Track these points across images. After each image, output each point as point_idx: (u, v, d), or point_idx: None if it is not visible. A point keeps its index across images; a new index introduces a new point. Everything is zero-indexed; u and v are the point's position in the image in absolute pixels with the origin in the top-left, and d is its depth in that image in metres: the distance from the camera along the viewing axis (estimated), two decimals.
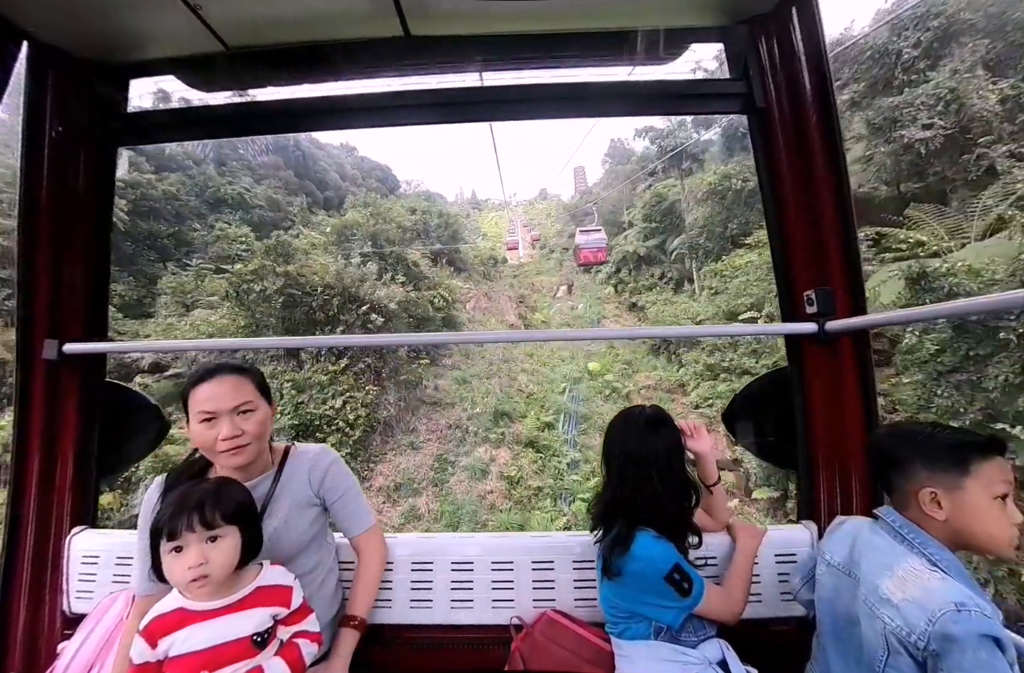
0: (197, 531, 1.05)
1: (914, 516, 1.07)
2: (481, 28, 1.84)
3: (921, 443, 1.05)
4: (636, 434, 1.37)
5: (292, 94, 2.03)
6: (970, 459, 1.00)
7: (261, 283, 16.54)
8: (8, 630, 1.67)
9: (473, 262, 38.97)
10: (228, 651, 1.05)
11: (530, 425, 18.83)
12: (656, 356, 23.91)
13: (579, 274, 41.68)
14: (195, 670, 1.02)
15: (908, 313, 1.32)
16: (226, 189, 36.98)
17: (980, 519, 1.00)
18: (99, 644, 1.47)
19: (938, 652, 0.88)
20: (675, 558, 1.27)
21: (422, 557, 1.68)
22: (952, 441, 1.02)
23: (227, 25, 1.73)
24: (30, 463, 1.76)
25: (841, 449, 1.67)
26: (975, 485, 0.99)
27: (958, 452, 1.01)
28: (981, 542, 1.02)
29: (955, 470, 1.00)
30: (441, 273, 28.00)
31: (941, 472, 1.02)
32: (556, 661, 1.40)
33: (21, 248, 1.77)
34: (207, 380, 1.28)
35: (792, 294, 1.77)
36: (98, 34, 1.73)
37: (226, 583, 1.09)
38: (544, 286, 41.76)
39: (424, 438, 18.03)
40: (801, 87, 1.73)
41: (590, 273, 40.22)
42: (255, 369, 1.41)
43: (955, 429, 1.07)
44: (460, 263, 36.42)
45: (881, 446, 1.14)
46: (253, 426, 1.29)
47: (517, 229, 51.99)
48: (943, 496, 1.01)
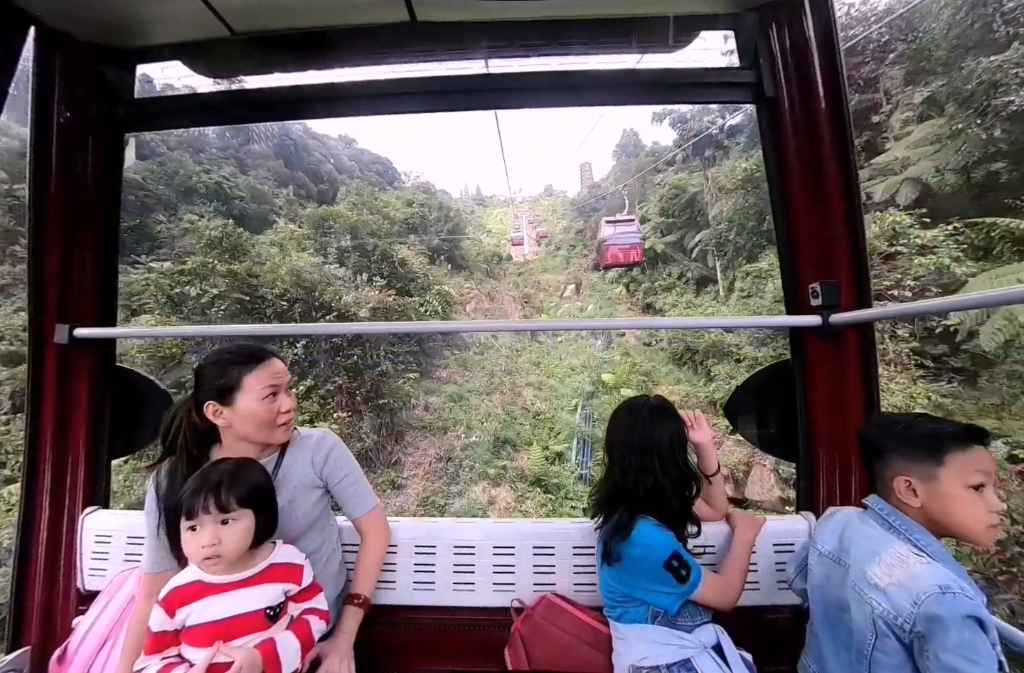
0: (212, 513, 1.09)
1: (894, 503, 1.09)
2: (488, 14, 1.82)
3: (900, 432, 1.07)
4: (640, 423, 1.38)
5: (298, 80, 2.02)
6: (946, 449, 1.01)
7: (199, 285, 13.27)
8: (25, 606, 1.73)
9: (476, 259, 37.08)
10: (242, 623, 1.09)
11: (537, 456, 16.00)
12: (679, 366, 21.33)
13: (587, 272, 39.64)
14: (210, 639, 1.06)
15: (914, 306, 1.32)
16: (200, 178, 32.86)
17: (954, 508, 1.02)
18: (112, 619, 1.52)
19: (923, 633, 0.91)
20: (674, 546, 1.29)
21: (425, 540, 1.72)
22: (929, 431, 1.04)
23: (233, 10, 1.72)
24: (43, 445, 1.81)
25: (842, 441, 1.68)
26: (949, 474, 1.00)
27: (934, 442, 1.02)
28: (956, 530, 1.04)
29: (929, 459, 1.02)
30: (438, 272, 26.12)
31: (916, 461, 1.04)
32: (555, 643, 1.44)
33: (31, 233, 1.79)
34: (267, 359, 1.37)
35: (797, 286, 1.77)
36: (105, 19, 1.72)
37: (241, 559, 1.13)
38: (550, 285, 39.90)
39: (408, 474, 15.20)
40: (812, 76, 1.71)
41: (599, 271, 37.66)
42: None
43: (937, 420, 1.07)
44: (461, 260, 34.52)
45: (866, 435, 1.17)
46: (295, 402, 1.42)
47: (522, 225, 50.17)
48: (917, 485, 1.03)
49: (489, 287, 34.22)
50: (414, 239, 28.77)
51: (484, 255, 39.12)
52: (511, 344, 26.37)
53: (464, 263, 34.89)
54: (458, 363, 22.17)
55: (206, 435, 1.38)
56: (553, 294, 38.21)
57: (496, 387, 20.96)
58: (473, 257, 36.92)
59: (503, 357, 22.87)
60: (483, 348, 25.33)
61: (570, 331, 24.29)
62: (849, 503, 1.58)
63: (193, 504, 1.09)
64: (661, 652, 1.26)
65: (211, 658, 1.03)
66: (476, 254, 38.03)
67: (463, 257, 35.13)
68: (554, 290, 38.90)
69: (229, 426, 1.33)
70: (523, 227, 50.29)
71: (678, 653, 1.25)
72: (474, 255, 37.41)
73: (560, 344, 27.30)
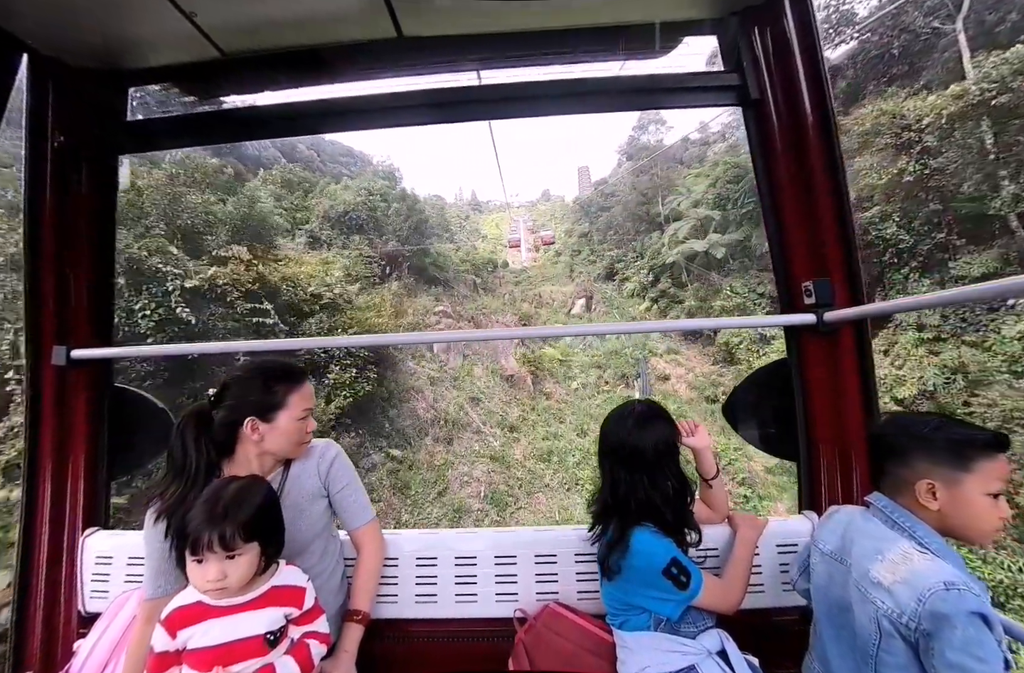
0: (217, 552, 1.07)
1: (906, 503, 1.08)
2: (473, 27, 1.85)
3: (928, 436, 1.04)
4: (626, 431, 1.35)
5: (289, 98, 2.05)
6: (973, 456, 1.00)
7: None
8: (26, 629, 1.72)
9: (460, 268, 31.13)
10: (241, 648, 1.08)
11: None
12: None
13: (599, 282, 34.36)
14: (210, 664, 1.04)
15: (906, 301, 1.32)
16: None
17: (971, 513, 1.01)
18: (113, 642, 1.50)
19: (929, 631, 0.89)
20: (673, 552, 1.27)
21: (426, 552, 1.71)
22: (958, 437, 1.02)
23: (221, 31, 1.75)
24: (42, 466, 1.81)
25: (841, 439, 1.67)
26: (973, 481, 0.99)
27: (963, 448, 1.01)
28: (966, 533, 1.04)
29: (957, 466, 1.00)
30: (381, 295, 19.83)
31: (943, 466, 1.02)
32: (559, 652, 1.42)
33: (27, 256, 1.81)
34: (302, 381, 1.40)
35: (790, 286, 1.77)
36: (96, 44, 1.76)
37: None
38: (554, 298, 33.34)
39: None
40: (795, 77, 1.73)
41: (614, 281, 33.50)
42: None
43: (962, 423, 1.06)
44: (435, 271, 27.67)
45: (884, 434, 1.14)
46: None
47: (519, 227, 48.93)
48: (940, 489, 1.02)
49: (474, 307, 27.47)
50: (360, 241, 23.72)
51: (475, 262, 34.56)
52: (505, 417, 18.25)
53: (440, 275, 28.27)
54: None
55: (218, 449, 1.34)
56: (558, 310, 31.92)
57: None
58: (455, 266, 30.99)
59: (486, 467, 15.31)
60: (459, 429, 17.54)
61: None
62: (852, 502, 1.57)
63: (198, 540, 1.06)
64: (665, 660, 1.24)
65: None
66: (460, 262, 32.37)
67: (439, 266, 28.41)
68: (559, 305, 32.92)
69: (261, 441, 1.32)
70: (520, 229, 48.54)
71: (682, 660, 1.23)
72: (456, 263, 31.64)
73: (580, 400, 20.39)
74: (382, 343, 9.45)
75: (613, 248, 37.70)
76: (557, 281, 37.15)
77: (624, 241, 36.99)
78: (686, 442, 1.48)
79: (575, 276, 37.55)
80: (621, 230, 37.90)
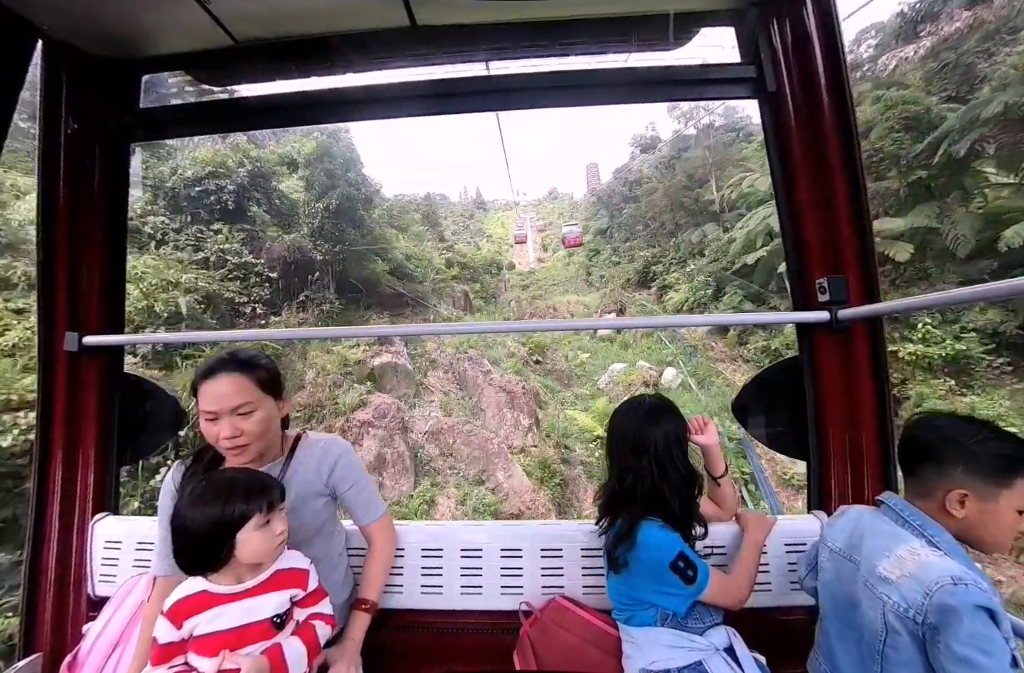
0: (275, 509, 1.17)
1: (927, 507, 1.06)
2: (487, 16, 1.83)
3: (971, 447, 1.01)
4: (636, 424, 1.36)
5: (301, 87, 2.04)
6: (1016, 473, 0.97)
7: None
8: (36, 613, 1.74)
9: (444, 276, 23.24)
10: (250, 632, 1.09)
11: None
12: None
13: (630, 291, 26.91)
14: (218, 649, 1.05)
15: (922, 300, 1.29)
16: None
17: (996, 526, 1.00)
18: (122, 625, 1.53)
19: (935, 624, 0.89)
20: (680, 546, 1.27)
21: (432, 544, 1.71)
22: (1004, 452, 0.98)
23: (235, 19, 1.74)
24: (53, 452, 1.82)
25: (853, 439, 1.65)
26: (1010, 497, 0.97)
27: (1007, 464, 0.98)
28: (985, 543, 1.02)
29: (997, 480, 0.98)
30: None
31: (981, 479, 0.99)
32: (564, 646, 1.42)
33: (40, 243, 1.82)
34: (208, 378, 1.27)
35: (804, 282, 1.75)
36: (109, 30, 1.76)
37: (247, 568, 1.13)
38: (573, 311, 25.84)
39: None
40: (814, 70, 1.69)
41: (649, 289, 25.79)
42: (262, 364, 1.36)
43: (1005, 434, 1.02)
44: (401, 283, 19.52)
45: (923, 436, 1.09)
46: (253, 426, 1.27)
47: (526, 223, 46.80)
48: (972, 500, 1.00)
49: (456, 346, 17.17)
50: (231, 233, 15.27)
51: (474, 265, 28.55)
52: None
53: (407, 290, 19.63)
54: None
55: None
56: (583, 334, 22.98)
57: None
58: (436, 274, 22.59)
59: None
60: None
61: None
62: (862, 502, 1.55)
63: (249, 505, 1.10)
64: (672, 655, 1.23)
65: (218, 666, 1.03)
66: (446, 266, 24.54)
67: (406, 276, 19.42)
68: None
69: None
70: (526, 225, 45.91)
71: (689, 656, 1.23)
72: (441, 268, 23.38)
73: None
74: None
75: (644, 247, 31.05)
76: (573, 286, 30.89)
77: (660, 238, 30.26)
78: (695, 440, 1.48)
79: (593, 281, 31.43)
80: (653, 224, 31.14)
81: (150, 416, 2.00)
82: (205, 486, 1.13)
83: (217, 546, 1.08)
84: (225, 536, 1.07)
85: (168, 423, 2.03)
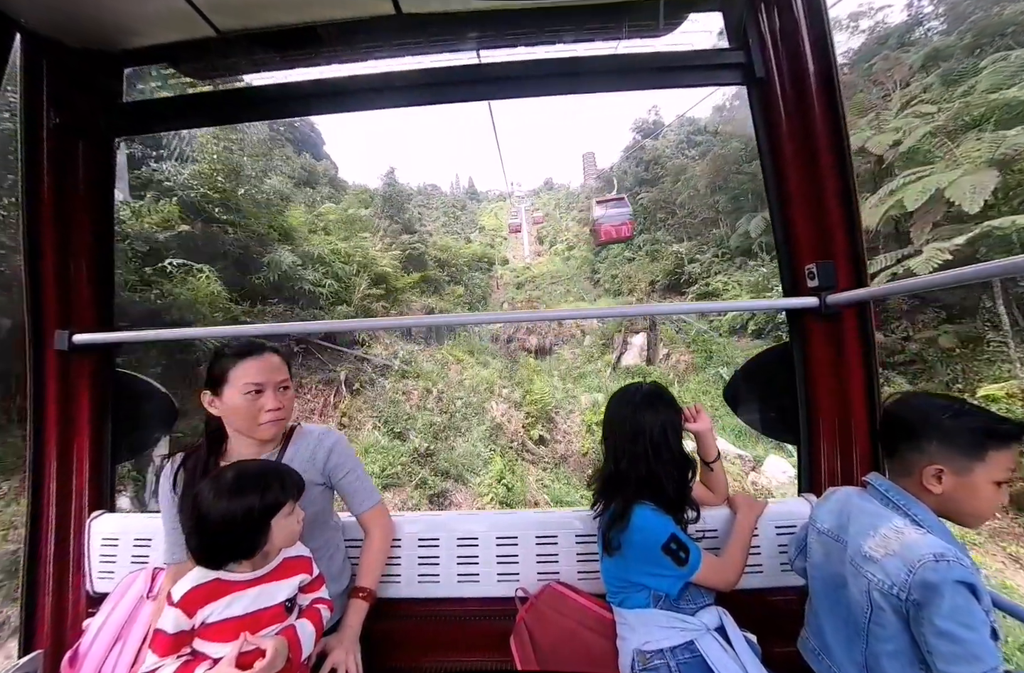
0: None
1: (907, 485, 1.08)
2: (473, 4, 1.80)
3: (945, 422, 1.03)
4: (633, 410, 1.38)
5: (286, 78, 2.01)
6: (988, 446, 0.99)
7: None
8: (36, 610, 1.75)
9: (402, 283, 18.36)
10: (264, 616, 1.12)
11: None
12: None
13: (656, 297, 21.77)
14: (235, 633, 1.08)
15: (909, 283, 1.30)
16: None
17: (973, 500, 1.02)
18: (121, 620, 1.54)
19: (918, 600, 0.91)
20: (672, 529, 1.29)
21: (429, 533, 1.72)
22: (976, 426, 1.00)
23: (218, 9, 1.72)
24: (47, 451, 1.82)
25: (842, 423, 1.67)
26: (984, 469, 0.99)
27: (980, 437, 1.00)
28: (962, 517, 1.05)
29: (971, 453, 1.00)
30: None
31: (956, 454, 1.01)
32: (560, 630, 1.44)
33: (26, 240, 1.80)
34: (255, 355, 1.36)
35: (793, 268, 1.76)
36: (90, 23, 1.72)
37: (263, 554, 1.16)
38: (582, 327, 21.02)
39: None
40: (802, 56, 1.69)
41: (684, 297, 20.35)
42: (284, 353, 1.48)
43: (979, 410, 1.04)
44: (326, 303, 14.47)
45: (898, 415, 1.12)
46: (289, 401, 1.41)
47: (520, 211, 46.45)
48: (948, 474, 1.01)
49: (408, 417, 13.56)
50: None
51: (458, 262, 24.21)
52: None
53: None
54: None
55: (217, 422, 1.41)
56: (603, 369, 18.22)
57: None
58: (340, 285, 15.77)
59: None
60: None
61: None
62: (851, 484, 1.57)
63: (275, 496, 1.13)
64: (664, 635, 1.25)
65: (239, 648, 1.05)
66: (435, 262, 20.48)
67: (329, 295, 14.98)
68: (597, 352, 19.43)
69: (223, 416, 1.37)
70: (521, 214, 44.97)
71: (681, 636, 1.25)
72: (407, 280, 18.66)
73: None
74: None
75: (672, 240, 24.74)
76: (570, 285, 25.05)
77: (691, 228, 24.04)
78: (689, 427, 1.49)
79: (602, 281, 25.90)
80: (682, 211, 24.47)
81: (144, 413, 1.99)
82: (236, 477, 1.12)
83: (253, 534, 1.11)
84: (263, 523, 1.11)
85: (161, 421, 2.02)
